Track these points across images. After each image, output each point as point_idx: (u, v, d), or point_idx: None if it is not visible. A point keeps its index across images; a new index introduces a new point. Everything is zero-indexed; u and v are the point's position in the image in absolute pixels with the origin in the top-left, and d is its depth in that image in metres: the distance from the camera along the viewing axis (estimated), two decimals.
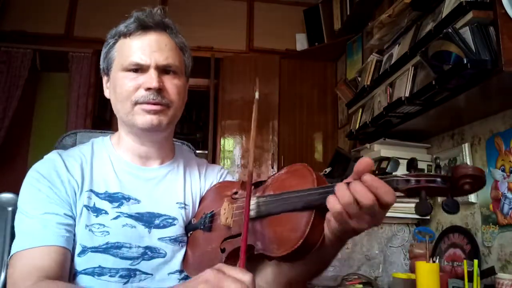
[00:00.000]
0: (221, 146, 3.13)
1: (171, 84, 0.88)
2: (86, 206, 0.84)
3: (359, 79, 2.24)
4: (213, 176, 1.03)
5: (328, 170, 2.49)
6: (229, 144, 3.14)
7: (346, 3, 2.71)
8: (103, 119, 3.31)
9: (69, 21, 3.17)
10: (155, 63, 0.86)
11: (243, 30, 3.36)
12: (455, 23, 1.27)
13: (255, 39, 3.35)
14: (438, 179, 0.56)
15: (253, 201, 0.75)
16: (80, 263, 0.82)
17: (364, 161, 0.59)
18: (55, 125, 3.21)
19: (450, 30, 1.23)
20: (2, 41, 3.06)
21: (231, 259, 0.78)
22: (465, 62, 1.18)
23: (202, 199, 0.99)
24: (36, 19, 3.11)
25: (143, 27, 0.88)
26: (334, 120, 3.18)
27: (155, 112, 0.86)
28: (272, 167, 3.09)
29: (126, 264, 0.83)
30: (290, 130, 3.15)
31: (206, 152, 3.34)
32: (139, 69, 0.86)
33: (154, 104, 0.85)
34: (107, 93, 0.95)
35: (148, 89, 0.85)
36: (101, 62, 0.95)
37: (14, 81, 3.02)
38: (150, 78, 0.85)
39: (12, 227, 0.88)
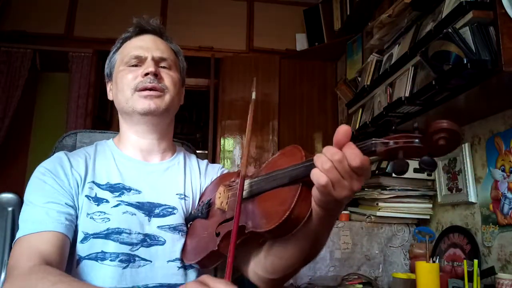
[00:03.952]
0: (221, 146, 3.13)
1: (166, 74, 0.97)
2: (88, 196, 0.88)
3: (359, 79, 2.24)
4: (213, 173, 1.06)
5: None
6: (229, 144, 3.14)
7: (346, 3, 2.71)
8: (103, 119, 3.30)
9: (69, 21, 3.16)
10: (152, 55, 0.96)
11: (243, 30, 3.36)
12: (455, 23, 1.27)
13: (255, 39, 3.34)
14: (416, 140, 0.54)
15: (246, 183, 0.78)
16: (83, 249, 0.85)
17: (342, 130, 0.59)
18: (55, 125, 3.21)
19: (450, 30, 1.23)
20: (2, 41, 3.05)
21: (225, 241, 0.80)
22: (465, 62, 1.18)
23: (202, 194, 1.01)
24: (36, 19, 3.11)
25: (142, 30, 1.00)
26: (334, 120, 3.18)
27: (151, 97, 0.93)
28: None
29: (126, 249, 0.86)
30: (290, 130, 3.15)
31: (206, 152, 3.34)
32: (138, 63, 0.96)
33: (151, 89, 0.92)
34: (110, 96, 1.04)
35: (146, 74, 0.93)
36: (105, 69, 1.04)
37: (14, 81, 3.02)
38: (148, 65, 0.94)
39: (13, 227, 0.88)
